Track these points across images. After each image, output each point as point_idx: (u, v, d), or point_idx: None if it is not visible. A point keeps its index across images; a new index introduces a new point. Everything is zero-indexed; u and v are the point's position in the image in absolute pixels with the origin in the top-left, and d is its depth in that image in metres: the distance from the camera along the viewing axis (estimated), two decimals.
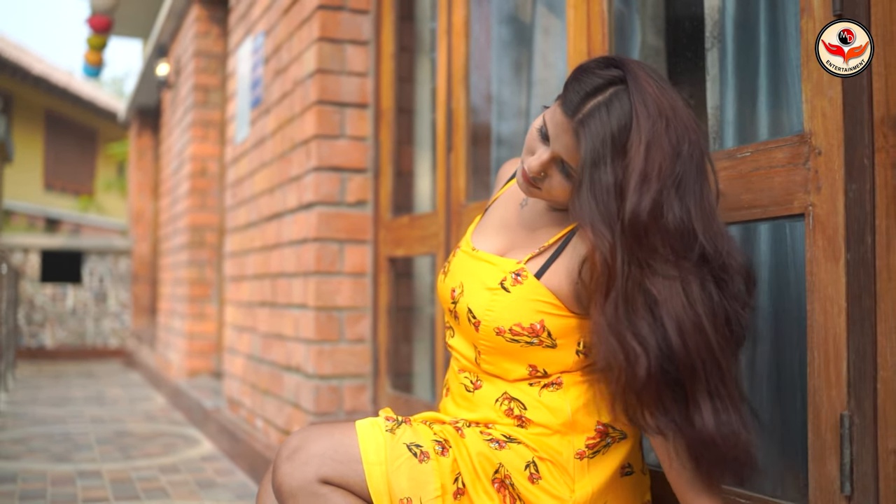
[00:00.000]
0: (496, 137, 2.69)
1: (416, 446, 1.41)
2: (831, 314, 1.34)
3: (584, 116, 1.33)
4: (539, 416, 1.46)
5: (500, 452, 1.44)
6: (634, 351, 1.27)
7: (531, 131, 1.45)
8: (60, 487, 3.35)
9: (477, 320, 1.49)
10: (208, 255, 5.73)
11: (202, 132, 5.68)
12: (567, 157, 1.37)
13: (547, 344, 1.45)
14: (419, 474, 1.38)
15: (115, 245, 9.21)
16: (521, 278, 1.46)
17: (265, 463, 3.35)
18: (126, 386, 7.02)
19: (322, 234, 3.05)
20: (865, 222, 1.29)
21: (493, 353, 1.49)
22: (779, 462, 1.66)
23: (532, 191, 1.47)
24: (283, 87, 3.46)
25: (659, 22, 2.15)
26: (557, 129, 1.38)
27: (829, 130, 1.35)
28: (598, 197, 1.30)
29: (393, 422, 1.45)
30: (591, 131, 1.31)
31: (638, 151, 1.29)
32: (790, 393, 1.63)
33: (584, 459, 1.44)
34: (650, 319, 1.27)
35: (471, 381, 1.55)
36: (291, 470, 1.37)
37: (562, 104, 1.38)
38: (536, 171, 1.42)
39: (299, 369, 3.19)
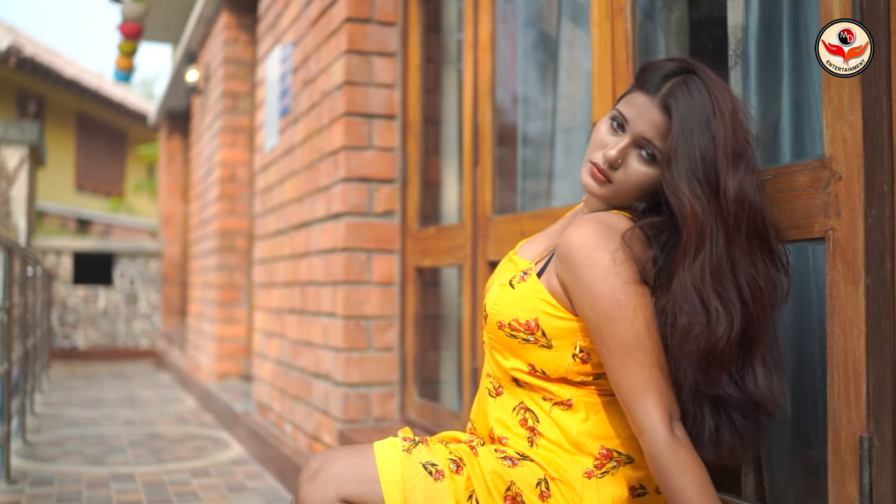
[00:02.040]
0: (522, 151, 2.72)
1: (431, 465, 1.46)
2: (851, 337, 1.36)
3: (668, 92, 1.41)
4: (548, 432, 1.50)
5: (513, 470, 1.47)
6: (717, 311, 1.34)
7: (598, 129, 1.49)
8: (95, 490, 3.43)
9: (486, 313, 1.57)
10: (238, 260, 5.81)
11: (231, 138, 5.76)
12: (652, 133, 1.43)
13: (542, 343, 1.48)
14: (435, 492, 1.43)
15: (145, 247, 9.34)
16: (526, 276, 1.52)
17: (294, 468, 3.41)
18: (157, 387, 7.13)
19: (350, 244, 3.10)
20: (885, 248, 1.31)
21: (498, 347, 1.55)
22: (801, 479, 1.68)
23: (602, 186, 1.48)
24: (311, 97, 3.51)
25: (683, 38, 2.17)
26: (639, 109, 1.44)
27: (850, 156, 1.37)
28: (693, 164, 1.37)
29: (410, 442, 1.51)
30: (679, 103, 1.39)
31: (727, 129, 1.38)
32: (812, 412, 1.65)
33: (593, 479, 1.46)
34: (730, 284, 1.35)
35: (494, 386, 1.59)
36: (312, 491, 1.44)
37: (641, 88, 1.46)
38: (615, 158, 1.45)
39: (328, 376, 3.24)
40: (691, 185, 1.36)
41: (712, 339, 1.34)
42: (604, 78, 2.01)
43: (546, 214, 2.27)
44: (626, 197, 1.49)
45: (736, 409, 1.39)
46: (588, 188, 1.50)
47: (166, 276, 9.10)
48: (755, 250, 1.38)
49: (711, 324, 1.33)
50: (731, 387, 1.38)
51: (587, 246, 1.40)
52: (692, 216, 1.36)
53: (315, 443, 3.38)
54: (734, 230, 1.36)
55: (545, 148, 2.64)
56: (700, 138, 1.37)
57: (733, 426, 1.40)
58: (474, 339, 2.64)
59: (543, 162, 2.65)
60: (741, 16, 1.88)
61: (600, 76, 2.03)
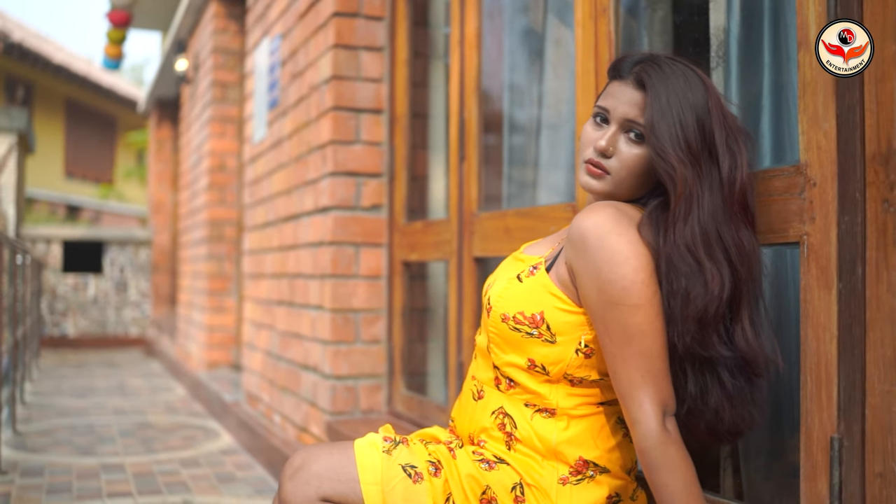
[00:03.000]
0: (508, 147, 2.74)
1: (411, 467, 1.49)
2: (823, 340, 1.39)
3: (640, 69, 1.47)
4: (526, 438, 1.51)
5: (489, 474, 1.50)
6: (711, 271, 1.38)
7: (585, 131, 1.54)
8: (86, 481, 3.46)
9: (490, 306, 1.56)
10: (227, 250, 5.82)
11: (220, 128, 5.76)
12: (635, 112, 1.47)
13: (546, 338, 1.48)
14: (413, 494, 1.47)
15: (135, 235, 9.34)
16: (535, 270, 1.53)
17: (283, 458, 3.44)
18: (147, 376, 7.15)
19: (338, 238, 3.13)
20: (856, 254, 1.34)
21: (499, 341, 1.54)
22: (777, 478, 1.72)
23: (601, 180, 1.50)
24: (299, 90, 3.52)
25: (667, 38, 2.20)
26: (617, 95, 1.50)
27: (824, 163, 1.40)
28: (674, 130, 1.41)
29: (391, 442, 1.54)
30: (652, 77, 1.45)
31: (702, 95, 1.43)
32: (789, 412, 1.68)
33: (568, 485, 1.48)
34: (718, 246, 1.40)
35: (477, 389, 1.61)
36: (294, 489, 1.48)
37: (614, 78, 1.52)
38: (606, 146, 1.48)
39: (316, 369, 3.27)
40: (675, 151, 1.40)
41: (709, 297, 1.37)
42: (587, 78, 2.03)
43: (531, 213, 2.29)
44: (626, 186, 1.50)
45: (725, 368, 1.42)
46: (588, 187, 1.52)
47: (156, 264, 9.10)
48: (737, 213, 1.42)
49: (707, 283, 1.37)
50: (722, 347, 1.41)
51: (600, 229, 1.40)
52: (681, 180, 1.40)
53: (304, 434, 3.41)
54: (719, 192, 1.41)
55: (531, 144, 2.66)
56: (677, 105, 1.42)
57: (722, 387, 1.43)
58: (460, 333, 2.67)
59: (529, 158, 2.67)
60: (723, 17, 1.91)
61: (583, 76, 2.05)
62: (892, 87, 1.29)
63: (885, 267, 1.29)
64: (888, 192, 1.29)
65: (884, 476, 1.30)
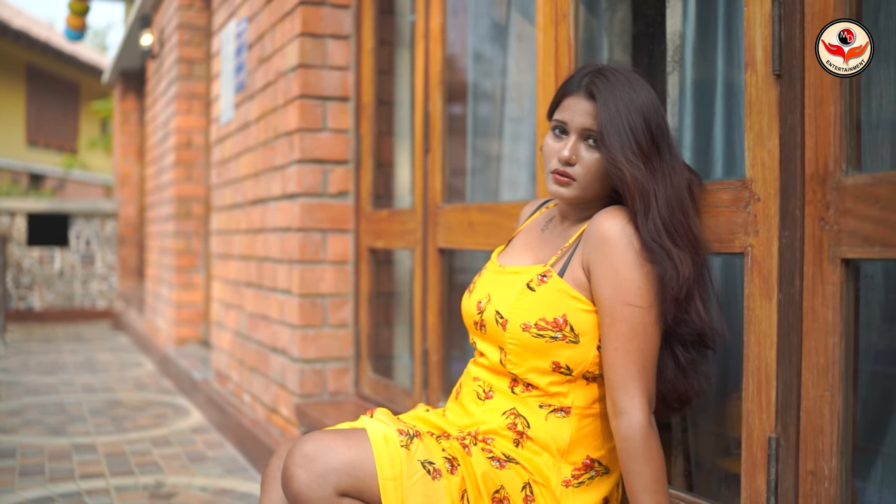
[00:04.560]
0: (472, 139, 2.80)
1: (429, 463, 1.51)
2: (764, 346, 1.48)
3: (589, 81, 1.59)
4: (540, 436, 1.59)
5: (501, 472, 1.57)
6: (678, 256, 1.50)
7: (546, 144, 1.65)
8: (57, 462, 3.50)
9: (505, 319, 1.61)
10: (195, 227, 5.83)
11: (187, 105, 5.74)
12: (590, 121, 1.58)
13: (570, 339, 1.57)
14: (433, 491, 1.49)
15: (101, 208, 9.27)
16: (547, 278, 1.61)
17: (252, 438, 3.51)
18: (115, 350, 7.16)
19: (305, 225, 3.17)
20: (795, 267, 1.43)
21: (520, 351, 1.60)
22: (719, 472, 1.82)
23: (569, 188, 1.61)
24: (266, 76, 3.54)
25: (626, 38, 2.26)
26: (571, 108, 1.61)
27: (767, 180, 1.48)
28: (623, 135, 1.53)
29: (406, 436, 1.54)
30: (600, 87, 1.57)
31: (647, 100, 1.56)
32: (736, 412, 1.78)
33: (570, 488, 1.59)
34: (680, 233, 1.52)
35: (484, 390, 1.68)
36: (308, 481, 1.46)
37: (566, 94, 1.63)
38: (569, 156, 1.59)
39: (285, 351, 3.33)
40: (625, 154, 1.52)
41: (682, 280, 1.49)
42: (548, 80, 2.10)
43: (493, 208, 2.36)
44: (592, 189, 1.61)
45: (679, 343, 1.57)
46: (558, 195, 1.63)
47: (122, 237, 9.05)
48: (686, 202, 1.55)
49: (678, 267, 1.49)
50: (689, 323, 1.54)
51: (624, 234, 1.52)
52: (633, 182, 1.51)
53: (273, 415, 3.48)
54: (671, 185, 1.54)
55: (494, 138, 2.72)
56: (625, 110, 1.53)
57: (676, 360, 1.58)
58: (425, 321, 2.75)
59: (492, 152, 2.74)
60: (679, 23, 1.97)
61: (544, 79, 2.11)
62: (830, 112, 1.36)
63: (820, 281, 1.38)
64: (824, 210, 1.37)
65: (815, 474, 1.40)
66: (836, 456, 1.37)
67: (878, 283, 1.50)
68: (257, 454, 3.44)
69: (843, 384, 1.37)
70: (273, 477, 1.68)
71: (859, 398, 1.47)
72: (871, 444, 1.53)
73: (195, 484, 3.23)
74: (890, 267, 1.48)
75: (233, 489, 3.19)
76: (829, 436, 1.37)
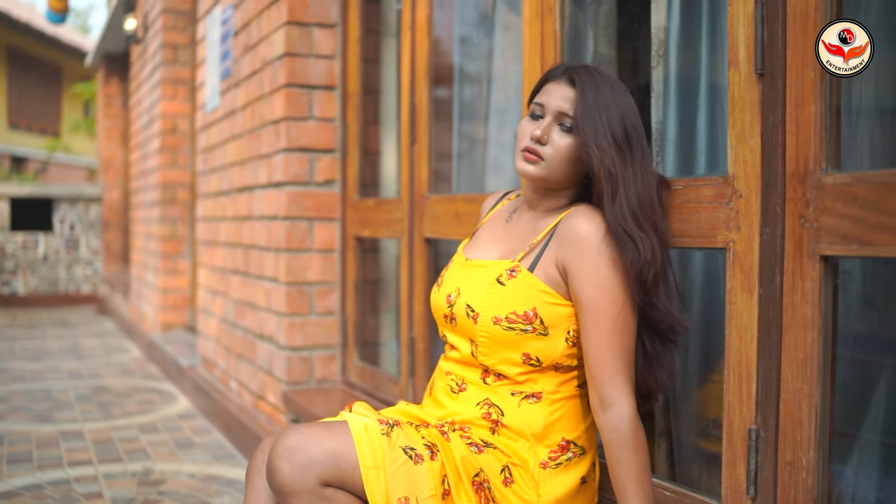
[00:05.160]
0: (457, 129, 2.82)
1: (410, 449, 1.56)
2: (745, 340, 1.52)
3: (572, 69, 1.67)
4: (514, 423, 1.64)
5: (480, 457, 1.61)
6: (641, 238, 1.55)
7: (520, 126, 1.70)
8: (45, 450, 3.51)
9: (476, 313, 1.66)
10: (180, 212, 5.82)
11: (171, 90, 5.71)
12: (567, 106, 1.63)
13: (540, 332, 1.62)
14: (415, 475, 1.53)
15: (85, 192, 9.22)
16: (516, 273, 1.66)
17: (239, 424, 3.53)
18: (101, 336, 7.15)
19: (292, 213, 3.19)
20: (776, 263, 1.46)
21: (491, 343, 1.65)
22: (700, 463, 1.86)
23: (536, 165, 1.65)
24: (252, 64, 3.54)
25: (611, 31, 2.28)
26: (551, 92, 1.67)
27: (749, 177, 1.51)
28: (599, 123, 1.58)
29: (386, 425, 1.58)
30: (581, 76, 1.64)
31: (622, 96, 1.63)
32: (717, 404, 1.82)
33: (548, 469, 1.64)
34: (645, 221, 1.57)
35: (457, 383, 1.72)
36: (292, 472, 1.49)
37: (547, 80, 1.70)
38: (541, 135, 1.64)
39: (272, 339, 3.35)
40: (598, 141, 1.58)
41: (643, 262, 1.55)
42: (533, 73, 2.11)
43: (479, 199, 2.38)
44: (558, 171, 1.65)
45: (647, 332, 1.63)
46: (525, 172, 1.66)
47: (107, 222, 9.01)
48: (655, 199, 1.60)
49: (640, 250, 1.54)
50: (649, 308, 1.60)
51: (599, 234, 1.58)
52: (599, 166, 1.58)
53: (260, 401, 3.50)
54: (641, 179, 1.59)
55: (480, 128, 2.74)
56: (604, 103, 1.60)
57: (644, 351, 1.64)
58: (411, 310, 2.77)
59: (478, 142, 2.75)
60: (663, 18, 1.99)
61: (530, 71, 2.13)
62: (810, 111, 1.39)
63: (800, 277, 1.41)
64: (804, 208, 1.40)
65: (793, 464, 1.43)
66: (813, 447, 1.41)
67: (856, 278, 1.54)
68: (245, 440, 3.47)
69: (822, 378, 1.40)
70: (257, 470, 1.71)
71: (837, 385, 1.51)
72: (849, 429, 1.57)
73: (183, 471, 3.26)
74: (867, 264, 1.52)
75: (221, 475, 3.21)
76: (808, 428, 1.41)
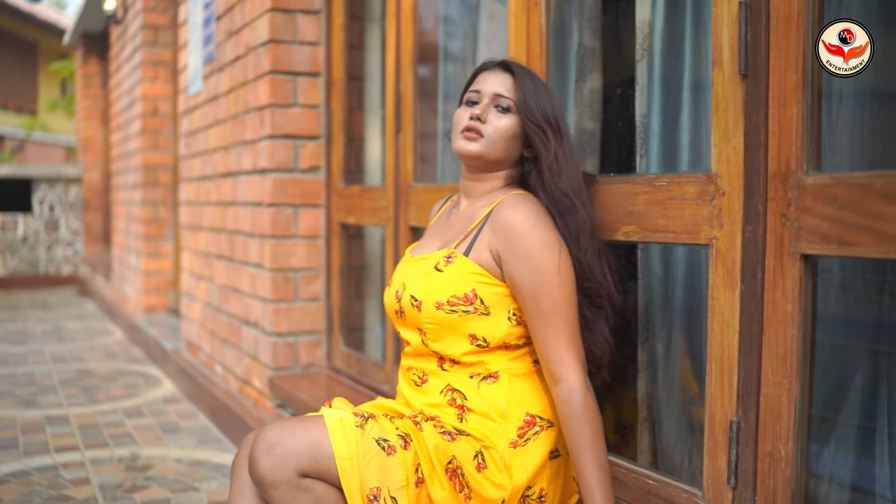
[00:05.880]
0: (442, 118, 2.83)
1: (383, 441, 1.61)
2: (727, 335, 1.55)
3: (505, 62, 1.80)
4: (478, 405, 1.69)
5: (453, 444, 1.66)
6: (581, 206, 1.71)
7: (457, 114, 1.81)
8: (31, 435, 3.52)
9: (419, 301, 1.72)
10: (162, 195, 5.80)
11: (153, 72, 5.68)
12: (503, 89, 1.75)
13: (482, 311, 1.69)
14: (388, 466, 1.58)
15: (65, 173, 9.15)
16: (452, 259, 1.73)
17: (225, 409, 3.56)
18: (83, 318, 7.13)
19: (277, 200, 3.20)
20: (757, 260, 1.49)
21: (437, 329, 1.71)
22: (683, 452, 1.91)
23: (476, 142, 1.75)
24: (236, 49, 3.53)
25: (595, 23, 2.29)
26: (486, 79, 1.78)
27: (732, 175, 1.54)
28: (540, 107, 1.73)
29: (361, 418, 1.64)
30: (515, 66, 1.79)
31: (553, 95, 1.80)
32: (700, 396, 1.86)
33: (518, 448, 1.67)
34: (577, 195, 1.71)
35: (418, 376, 1.78)
36: (271, 465, 1.56)
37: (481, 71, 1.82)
38: (480, 113, 1.75)
39: (257, 325, 3.37)
40: (538, 119, 1.72)
41: (581, 223, 1.70)
42: None
43: None
44: (497, 148, 1.75)
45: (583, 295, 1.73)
46: (465, 149, 1.76)
47: (87, 202, 8.95)
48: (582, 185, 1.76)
49: (577, 210, 1.70)
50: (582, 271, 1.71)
51: (529, 222, 1.66)
52: (540, 140, 1.72)
53: (246, 386, 3.52)
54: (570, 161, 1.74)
55: None
56: (541, 92, 1.75)
57: (584, 317, 1.73)
58: None
59: None
60: (648, 12, 2.01)
61: None
62: (792, 113, 1.42)
63: (780, 275, 1.45)
64: (786, 207, 1.43)
65: (772, 455, 1.48)
66: (792, 439, 1.45)
67: (835, 276, 1.58)
68: (230, 425, 3.49)
69: (801, 372, 1.44)
70: (241, 465, 1.76)
71: (815, 376, 1.55)
72: (829, 413, 1.62)
73: (170, 456, 3.28)
74: (846, 262, 1.56)
75: (207, 460, 3.24)
76: (787, 420, 1.45)
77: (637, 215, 1.74)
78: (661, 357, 1.98)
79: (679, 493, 1.66)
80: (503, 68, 1.79)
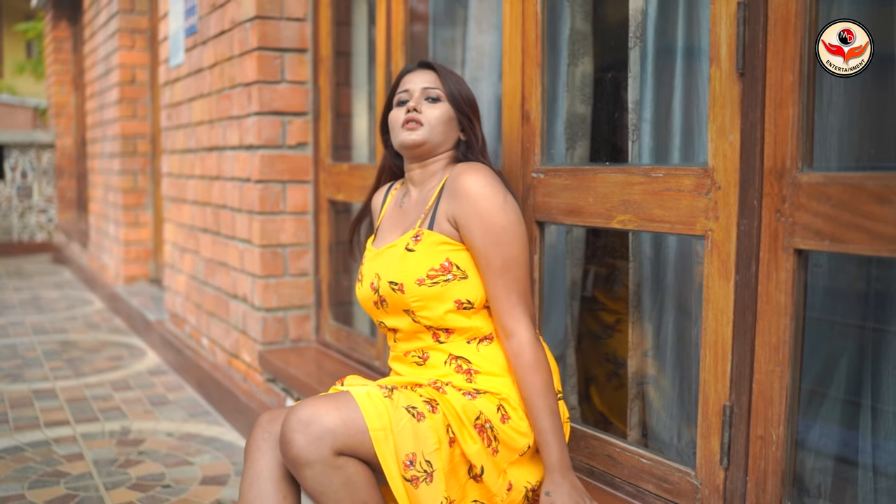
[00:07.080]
0: None
1: (412, 408, 1.65)
2: (721, 323, 1.62)
3: (423, 63, 1.96)
4: (483, 366, 1.78)
5: (476, 401, 1.73)
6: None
7: (392, 115, 1.94)
8: (20, 410, 3.54)
9: (399, 284, 1.79)
10: (141, 164, 5.76)
11: (129, 40, 5.61)
12: (429, 83, 1.91)
13: (460, 276, 1.78)
14: (420, 431, 1.62)
15: (37, 139, 9.02)
16: (420, 237, 1.82)
17: (213, 381, 3.59)
18: (60, 286, 7.09)
19: (265, 176, 3.21)
20: (752, 253, 1.55)
21: (423, 303, 1.78)
22: (676, 434, 1.98)
23: (417, 131, 1.87)
24: (220, 23, 3.51)
25: (587, 7, 2.32)
26: (412, 79, 1.93)
27: (728, 170, 1.59)
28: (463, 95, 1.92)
29: (385, 389, 1.68)
30: (437, 66, 1.95)
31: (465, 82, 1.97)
32: (690, 381, 1.93)
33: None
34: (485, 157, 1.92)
35: (419, 356, 1.83)
36: (307, 443, 1.56)
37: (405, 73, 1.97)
38: (414, 105, 1.88)
39: (246, 299, 3.39)
40: (463, 105, 1.90)
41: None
42: (514, 54, 2.16)
43: None
44: (436, 133, 1.88)
45: None
46: (408, 139, 1.88)
47: (60, 169, 8.85)
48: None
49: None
50: None
51: (481, 184, 1.76)
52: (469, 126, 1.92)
53: (234, 359, 3.56)
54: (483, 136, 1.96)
55: None
56: (458, 80, 1.93)
57: None
58: None
59: None
60: (641, 1, 2.04)
61: (510, 52, 2.17)
62: (788, 113, 1.47)
63: (774, 267, 1.51)
64: (780, 203, 1.49)
65: (763, 438, 1.55)
66: (783, 424, 1.52)
67: (826, 271, 1.64)
68: (219, 397, 3.54)
69: (792, 361, 1.51)
70: (257, 447, 1.76)
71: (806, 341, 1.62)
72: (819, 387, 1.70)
73: (161, 429, 3.32)
74: (837, 258, 1.62)
75: (198, 433, 3.29)
76: (778, 406, 1.52)
77: (633, 204, 1.79)
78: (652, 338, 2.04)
79: (672, 472, 1.74)
80: (424, 67, 1.95)
